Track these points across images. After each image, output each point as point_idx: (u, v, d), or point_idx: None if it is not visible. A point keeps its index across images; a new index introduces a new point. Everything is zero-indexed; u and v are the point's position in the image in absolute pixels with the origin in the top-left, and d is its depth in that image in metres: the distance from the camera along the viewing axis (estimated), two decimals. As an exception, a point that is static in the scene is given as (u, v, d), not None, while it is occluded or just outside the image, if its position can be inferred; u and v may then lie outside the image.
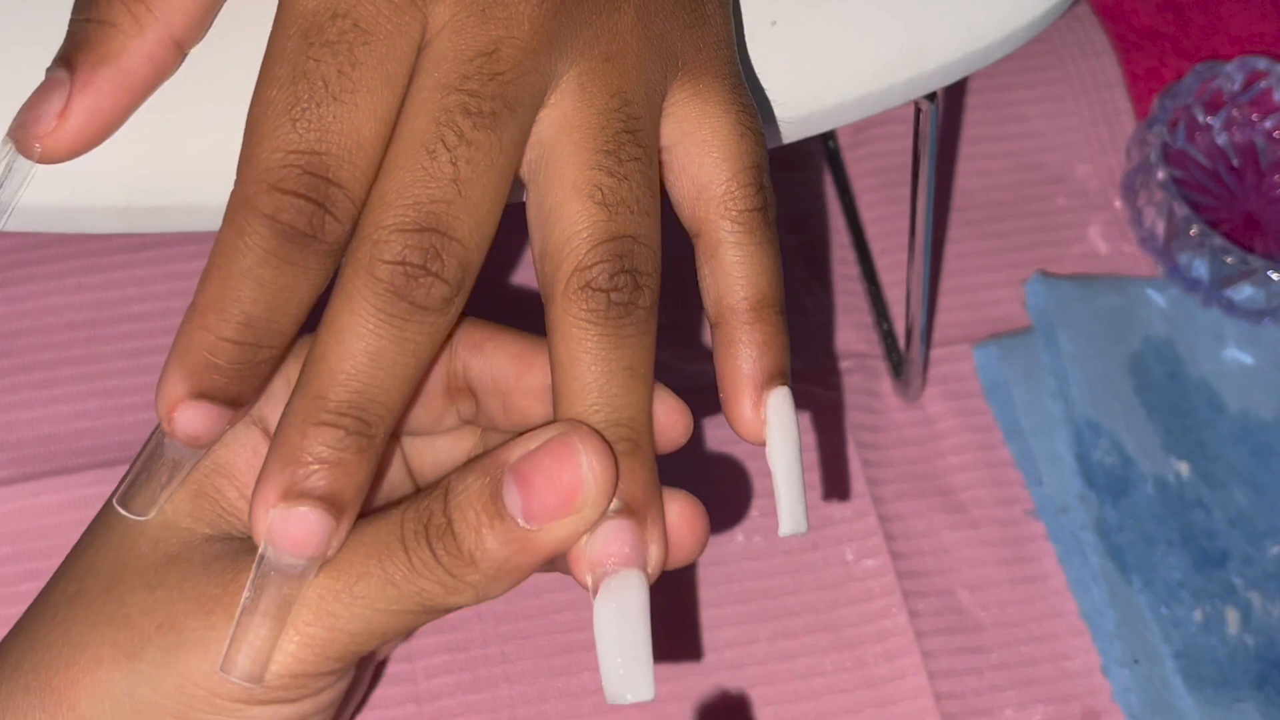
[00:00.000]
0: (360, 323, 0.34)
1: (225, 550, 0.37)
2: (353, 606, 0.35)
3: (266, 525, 0.34)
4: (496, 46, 0.35)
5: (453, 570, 0.35)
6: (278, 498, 0.34)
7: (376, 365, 0.34)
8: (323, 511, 0.34)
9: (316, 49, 0.34)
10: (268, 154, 0.34)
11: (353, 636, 0.35)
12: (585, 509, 0.35)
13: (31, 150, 0.36)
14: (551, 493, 0.34)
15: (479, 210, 0.35)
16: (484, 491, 0.35)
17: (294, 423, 0.34)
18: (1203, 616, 0.56)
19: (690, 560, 0.37)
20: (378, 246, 0.34)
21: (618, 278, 0.35)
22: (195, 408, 0.35)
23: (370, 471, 0.35)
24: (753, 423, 0.37)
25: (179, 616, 0.36)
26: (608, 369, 0.35)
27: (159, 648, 0.36)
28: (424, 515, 0.35)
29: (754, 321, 0.37)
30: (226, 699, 0.35)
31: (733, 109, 0.38)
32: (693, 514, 0.37)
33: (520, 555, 0.35)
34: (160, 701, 0.36)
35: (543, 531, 0.35)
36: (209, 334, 0.34)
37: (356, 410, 0.34)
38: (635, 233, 0.36)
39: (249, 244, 0.34)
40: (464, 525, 0.35)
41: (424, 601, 0.35)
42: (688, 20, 0.38)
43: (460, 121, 0.34)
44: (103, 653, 0.36)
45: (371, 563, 0.35)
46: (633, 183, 0.36)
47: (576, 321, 0.35)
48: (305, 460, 0.34)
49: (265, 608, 0.35)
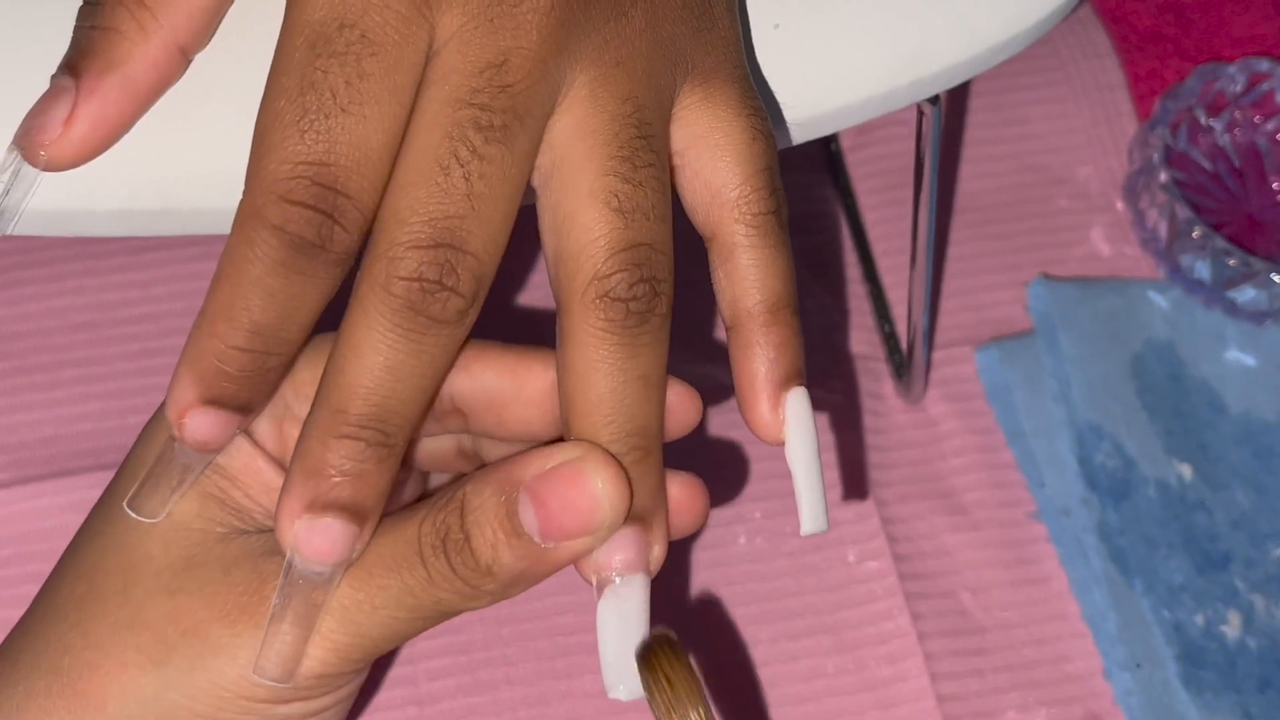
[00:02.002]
0: (378, 338, 0.34)
1: (242, 553, 0.37)
2: (374, 615, 0.36)
3: (293, 536, 0.35)
4: (506, 57, 0.35)
5: (470, 582, 0.36)
6: (303, 509, 0.35)
7: (395, 378, 0.35)
8: (346, 521, 0.35)
9: (324, 60, 0.34)
10: (276, 165, 0.34)
11: (375, 641, 0.37)
12: (601, 530, 0.36)
13: (37, 157, 0.36)
14: (568, 516, 0.35)
15: (492, 223, 0.35)
16: (500, 509, 0.36)
17: (315, 435, 0.35)
18: (1205, 619, 0.56)
19: (691, 531, 0.39)
20: (394, 264, 0.34)
21: (637, 287, 0.35)
22: (205, 414, 0.35)
23: (391, 479, 0.36)
24: (771, 424, 0.38)
25: (204, 624, 0.37)
26: (624, 379, 0.36)
27: (186, 656, 0.36)
28: (441, 530, 0.36)
29: (770, 324, 0.37)
30: (255, 700, 0.37)
31: (744, 112, 0.38)
32: (692, 493, 0.39)
33: (535, 568, 0.36)
34: (189, 705, 0.37)
35: (558, 549, 0.36)
36: (218, 342, 0.35)
37: (376, 423, 0.35)
38: (652, 240, 0.36)
39: (258, 254, 0.34)
40: (481, 541, 0.36)
41: (442, 609, 0.37)
42: (696, 24, 0.38)
43: (472, 136, 0.34)
44: (127, 658, 0.37)
45: (392, 576, 0.36)
46: (648, 189, 0.36)
47: (594, 331, 0.35)
48: (328, 473, 0.35)
49: (294, 614, 0.36)
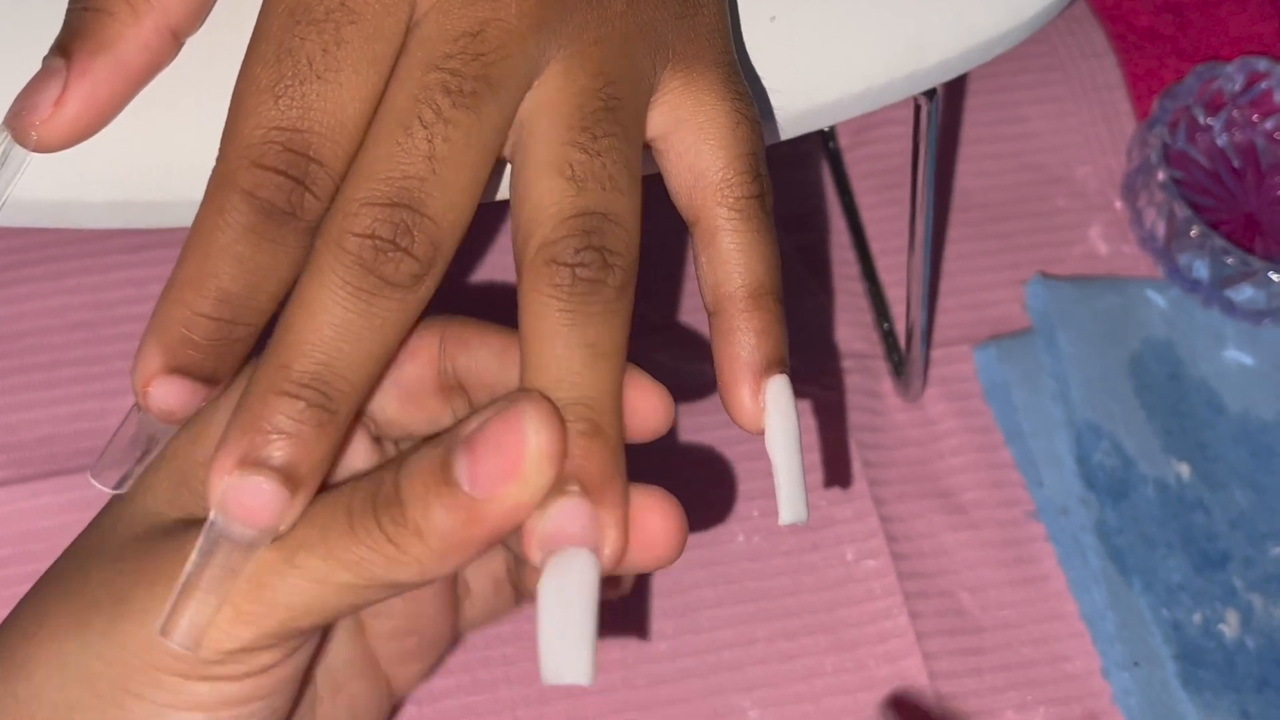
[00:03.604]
0: (328, 295, 0.34)
1: (190, 526, 0.36)
2: (289, 578, 0.34)
3: (220, 492, 0.33)
4: (482, 27, 0.35)
5: (396, 540, 0.34)
6: (234, 465, 0.33)
7: (342, 339, 0.34)
8: (278, 484, 0.33)
9: (303, 27, 0.34)
10: (249, 130, 0.34)
11: (289, 610, 0.35)
12: (530, 475, 0.33)
13: (27, 138, 0.36)
14: (496, 458, 0.33)
15: (453, 189, 0.34)
16: (435, 460, 0.34)
17: (256, 391, 0.34)
18: (1203, 619, 0.56)
19: (666, 562, 0.36)
20: (348, 220, 0.34)
21: (583, 253, 0.35)
22: (170, 383, 0.34)
23: (330, 449, 0.34)
24: (751, 411, 0.37)
25: (128, 587, 0.35)
26: (568, 345, 0.34)
27: (105, 618, 0.35)
28: (374, 485, 0.35)
29: (752, 309, 0.37)
30: (164, 672, 0.35)
31: (728, 96, 0.38)
32: (665, 511, 0.35)
33: (466, 527, 0.34)
34: (105, 671, 0.35)
35: (489, 501, 0.34)
36: (185, 309, 0.34)
37: (319, 383, 0.34)
38: (606, 210, 0.35)
39: (228, 220, 0.34)
40: (411, 493, 0.34)
41: (364, 574, 0.34)
42: (678, 10, 0.38)
43: (439, 99, 0.34)
44: (59, 623, 0.36)
45: (314, 530, 0.34)
46: (606, 159, 0.35)
47: (540, 296, 0.35)
48: (264, 429, 0.33)
49: (209, 578, 0.34)
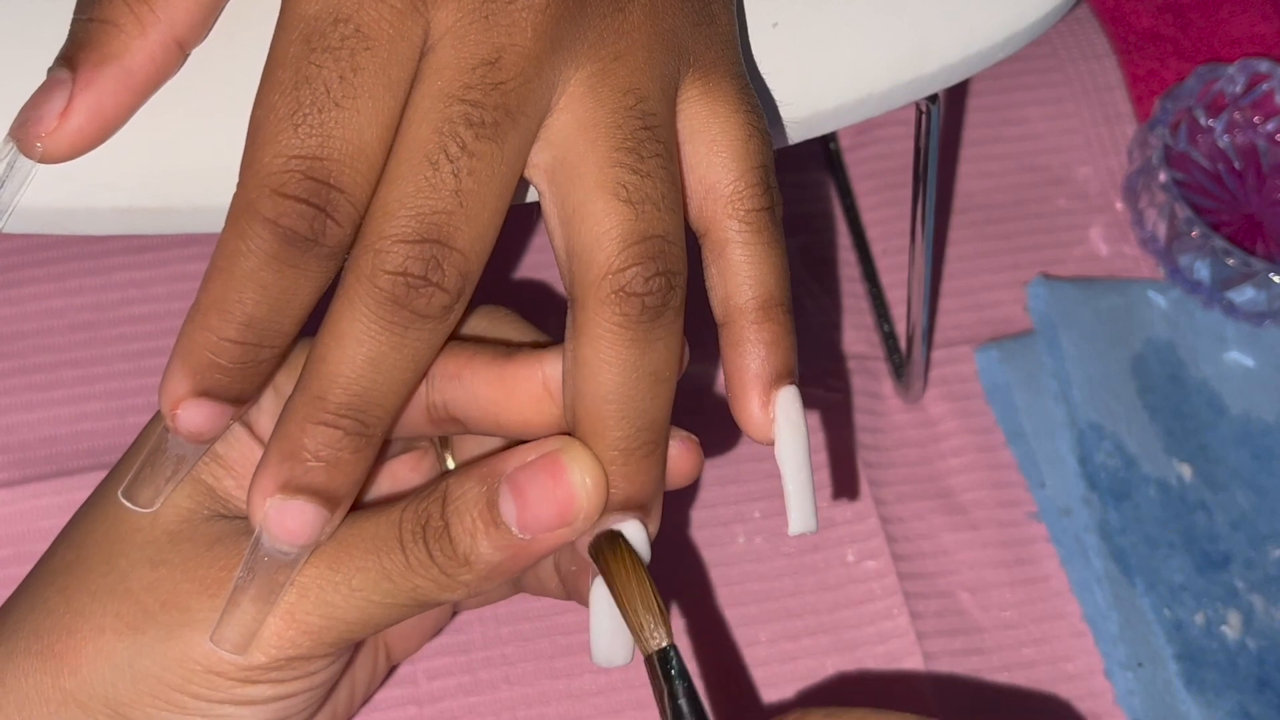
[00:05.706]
0: (361, 329, 0.35)
1: (225, 532, 0.38)
2: (350, 598, 0.36)
3: (263, 514, 0.35)
4: (499, 55, 0.35)
5: (447, 570, 0.36)
6: (276, 489, 0.35)
7: (375, 370, 0.35)
8: (318, 505, 0.36)
9: (319, 54, 0.34)
10: (270, 159, 0.34)
11: (348, 625, 0.37)
12: (579, 522, 0.36)
13: (33, 149, 0.36)
14: (546, 507, 0.36)
15: (479, 220, 0.35)
16: (480, 499, 0.36)
17: (294, 419, 0.35)
18: (1205, 619, 0.56)
19: (684, 484, 0.39)
20: (380, 256, 0.34)
21: (653, 280, 0.35)
22: (198, 405, 0.35)
23: (365, 469, 0.36)
24: (761, 422, 0.38)
25: (184, 596, 0.37)
26: (637, 375, 0.36)
27: (163, 625, 0.37)
28: (422, 517, 0.36)
29: (762, 321, 0.37)
30: (223, 676, 0.37)
31: (741, 108, 0.38)
32: (686, 451, 0.39)
33: (512, 560, 0.36)
34: (160, 674, 0.37)
35: (535, 540, 0.36)
36: (211, 334, 0.35)
37: (355, 412, 0.35)
38: (664, 232, 0.36)
39: (251, 247, 0.34)
40: (460, 529, 0.36)
41: (417, 597, 0.37)
42: (695, 18, 0.38)
43: (463, 132, 0.34)
44: (105, 623, 0.37)
45: (370, 558, 0.36)
46: (656, 179, 0.36)
47: (609, 327, 0.36)
48: (304, 457, 0.35)
49: (257, 589, 0.36)
